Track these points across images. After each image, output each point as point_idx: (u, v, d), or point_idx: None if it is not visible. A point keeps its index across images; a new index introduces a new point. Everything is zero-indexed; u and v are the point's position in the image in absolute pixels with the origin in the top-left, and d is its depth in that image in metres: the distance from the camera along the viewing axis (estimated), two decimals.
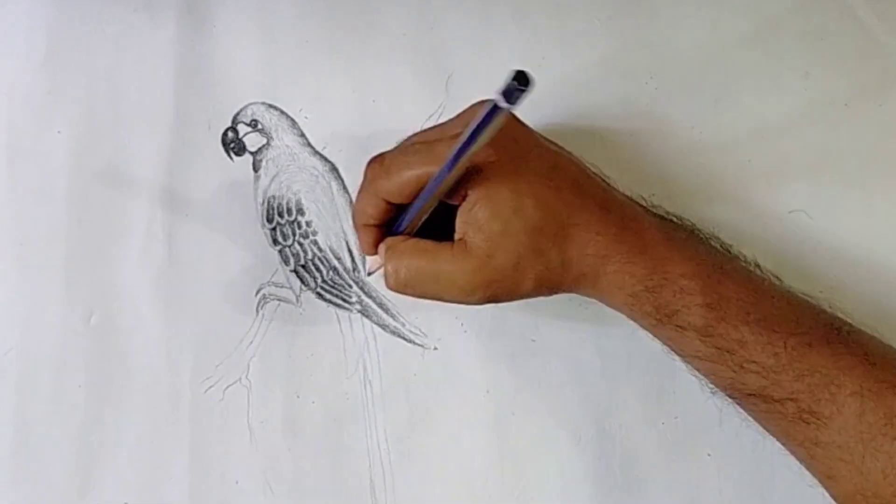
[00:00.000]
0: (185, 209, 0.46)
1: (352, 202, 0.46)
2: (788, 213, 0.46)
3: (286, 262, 0.46)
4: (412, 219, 0.39)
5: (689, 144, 0.46)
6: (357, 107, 0.47)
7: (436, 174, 0.36)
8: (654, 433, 0.45)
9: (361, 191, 0.40)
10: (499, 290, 0.38)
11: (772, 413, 0.37)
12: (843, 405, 0.35)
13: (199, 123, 0.47)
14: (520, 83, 0.29)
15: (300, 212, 0.46)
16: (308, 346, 0.46)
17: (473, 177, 0.37)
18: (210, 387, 0.45)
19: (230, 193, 0.46)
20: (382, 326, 0.46)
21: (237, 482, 0.45)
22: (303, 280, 0.46)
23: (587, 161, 0.43)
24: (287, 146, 0.47)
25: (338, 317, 0.46)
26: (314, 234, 0.46)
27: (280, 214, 0.46)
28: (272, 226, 0.46)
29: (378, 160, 0.39)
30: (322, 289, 0.46)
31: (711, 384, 0.39)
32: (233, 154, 0.47)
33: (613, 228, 0.38)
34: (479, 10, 0.48)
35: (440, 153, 0.36)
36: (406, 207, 0.39)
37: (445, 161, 0.35)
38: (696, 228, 0.43)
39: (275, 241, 0.46)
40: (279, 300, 0.46)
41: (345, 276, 0.46)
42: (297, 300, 0.46)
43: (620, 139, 0.46)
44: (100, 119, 0.47)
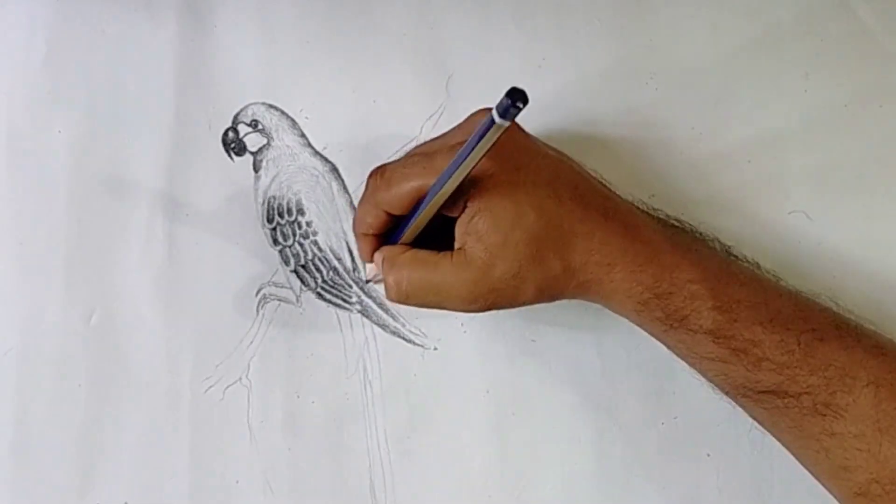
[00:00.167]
0: (186, 209, 0.46)
1: (352, 202, 0.46)
2: (788, 214, 0.46)
3: (286, 263, 0.46)
4: (410, 229, 0.39)
5: (690, 145, 0.46)
6: (357, 107, 0.47)
7: (432, 187, 0.36)
8: (654, 433, 0.45)
9: (362, 201, 0.41)
10: (500, 299, 0.38)
11: (786, 408, 0.37)
12: (859, 396, 0.36)
13: (200, 123, 0.47)
14: (515, 101, 0.29)
15: (300, 212, 0.46)
16: (308, 346, 0.46)
17: (472, 188, 0.37)
18: (210, 387, 0.45)
19: (230, 193, 0.46)
20: (382, 327, 0.46)
21: (237, 482, 0.45)
22: (303, 280, 0.46)
23: (587, 164, 0.43)
24: (287, 146, 0.47)
25: (338, 317, 0.46)
26: (314, 235, 0.46)
27: (280, 215, 0.46)
28: (272, 226, 0.46)
29: (379, 171, 0.40)
30: (322, 289, 0.46)
31: (720, 386, 0.39)
32: (233, 154, 0.47)
33: (617, 236, 0.38)
34: (479, 10, 0.48)
35: (439, 165, 0.36)
36: (406, 217, 0.39)
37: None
38: (698, 231, 0.43)
39: (275, 242, 0.46)
40: (279, 300, 0.46)
41: (345, 277, 0.46)
42: (298, 300, 0.46)
43: (620, 140, 0.46)
44: (100, 119, 0.47)
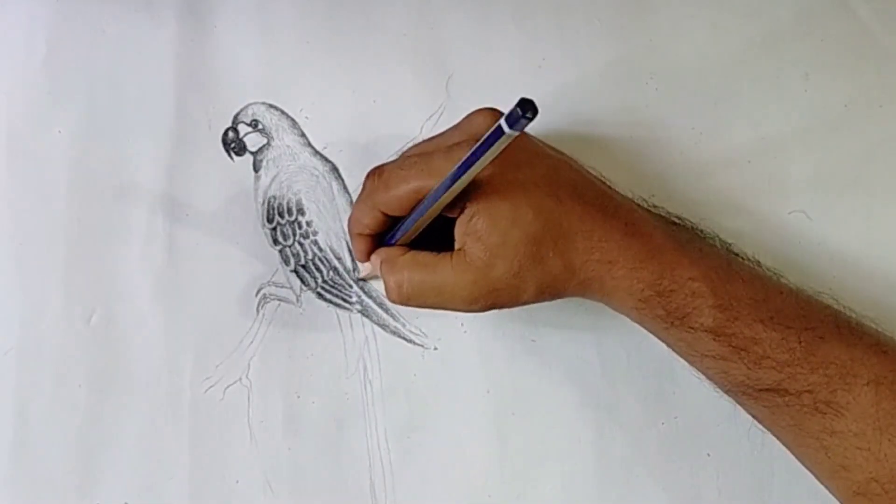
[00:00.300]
0: (186, 209, 0.46)
1: (352, 202, 0.46)
2: (788, 214, 0.46)
3: (286, 262, 0.46)
4: (408, 230, 0.39)
5: (690, 145, 0.46)
6: (357, 107, 0.47)
7: (433, 191, 0.36)
8: (654, 433, 0.45)
9: (359, 201, 0.41)
10: (500, 299, 0.38)
11: (786, 406, 0.37)
12: (860, 394, 0.36)
13: (200, 123, 0.47)
14: (525, 111, 0.29)
15: (300, 212, 0.46)
16: (308, 346, 0.45)
17: (471, 189, 0.37)
18: (210, 387, 0.45)
19: (230, 193, 0.46)
20: (382, 326, 0.46)
21: (237, 482, 0.45)
22: (303, 280, 0.46)
23: (586, 163, 0.43)
24: (287, 146, 0.47)
25: (338, 317, 0.46)
26: (314, 235, 0.46)
27: (280, 214, 0.46)
28: (272, 226, 0.46)
29: (377, 172, 0.39)
30: (322, 289, 0.46)
31: (720, 384, 0.39)
32: (233, 154, 0.47)
33: (617, 234, 0.38)
34: (479, 10, 0.48)
35: (437, 167, 0.36)
36: (402, 218, 0.39)
37: (442, 175, 0.35)
38: (698, 229, 0.43)
39: (275, 241, 0.46)
40: (279, 300, 0.46)
41: (345, 276, 0.46)
42: (298, 300, 0.46)
43: (620, 140, 0.46)
44: (100, 119, 0.47)
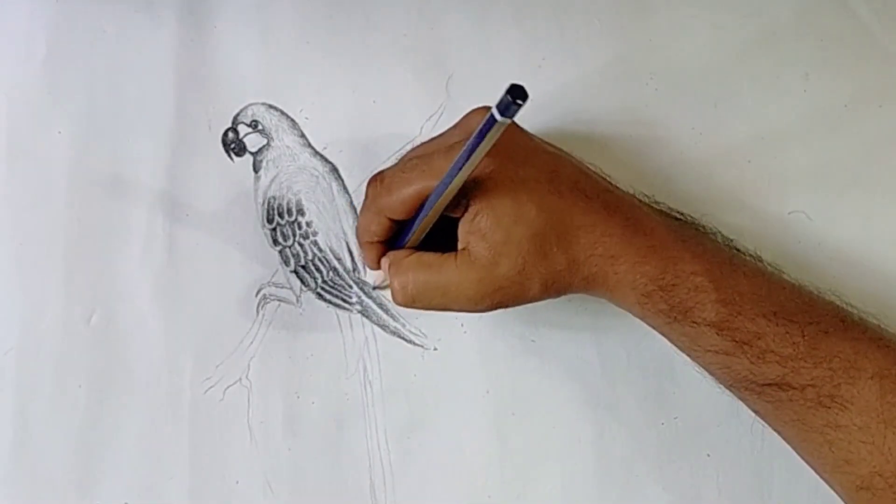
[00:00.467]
0: (186, 210, 0.46)
1: (352, 202, 0.46)
2: (788, 214, 0.46)
3: (286, 263, 0.46)
4: (414, 233, 0.39)
5: (690, 145, 0.46)
6: (357, 107, 0.47)
7: (435, 190, 0.36)
8: (654, 433, 0.45)
9: (364, 209, 0.41)
10: (506, 297, 0.38)
11: (789, 401, 0.37)
12: (864, 388, 0.36)
13: (200, 124, 0.47)
14: (515, 97, 0.29)
15: (300, 212, 0.46)
16: (308, 347, 0.45)
17: (473, 187, 0.37)
18: (210, 387, 0.45)
19: (230, 194, 0.46)
20: (382, 327, 0.46)
21: (237, 482, 0.45)
22: (303, 280, 0.46)
23: (587, 163, 0.43)
24: (287, 147, 0.47)
25: (338, 317, 0.46)
26: (314, 235, 0.46)
27: (280, 215, 0.46)
28: (272, 226, 0.46)
29: (378, 178, 0.39)
30: (322, 289, 0.46)
31: (723, 380, 0.39)
32: (233, 154, 0.47)
33: (620, 229, 0.38)
34: (479, 10, 0.48)
35: (438, 167, 0.36)
36: (409, 222, 0.39)
37: (443, 174, 0.35)
38: (700, 224, 0.43)
39: (275, 242, 0.46)
40: (279, 300, 0.46)
41: (345, 277, 0.46)
42: (298, 301, 0.46)
43: (620, 140, 0.46)
44: (100, 119, 0.47)
